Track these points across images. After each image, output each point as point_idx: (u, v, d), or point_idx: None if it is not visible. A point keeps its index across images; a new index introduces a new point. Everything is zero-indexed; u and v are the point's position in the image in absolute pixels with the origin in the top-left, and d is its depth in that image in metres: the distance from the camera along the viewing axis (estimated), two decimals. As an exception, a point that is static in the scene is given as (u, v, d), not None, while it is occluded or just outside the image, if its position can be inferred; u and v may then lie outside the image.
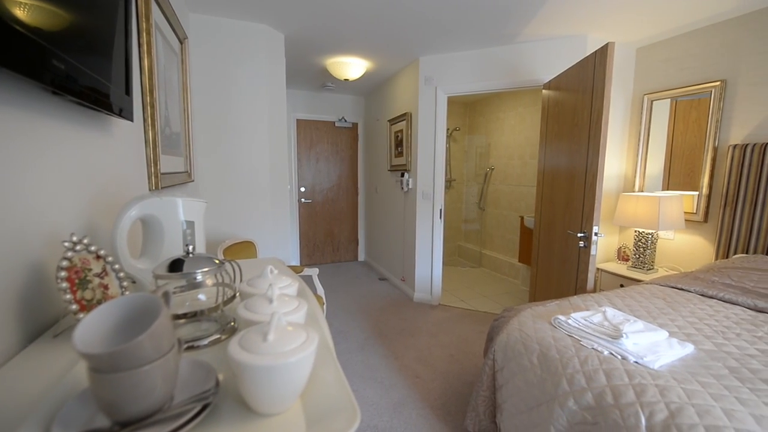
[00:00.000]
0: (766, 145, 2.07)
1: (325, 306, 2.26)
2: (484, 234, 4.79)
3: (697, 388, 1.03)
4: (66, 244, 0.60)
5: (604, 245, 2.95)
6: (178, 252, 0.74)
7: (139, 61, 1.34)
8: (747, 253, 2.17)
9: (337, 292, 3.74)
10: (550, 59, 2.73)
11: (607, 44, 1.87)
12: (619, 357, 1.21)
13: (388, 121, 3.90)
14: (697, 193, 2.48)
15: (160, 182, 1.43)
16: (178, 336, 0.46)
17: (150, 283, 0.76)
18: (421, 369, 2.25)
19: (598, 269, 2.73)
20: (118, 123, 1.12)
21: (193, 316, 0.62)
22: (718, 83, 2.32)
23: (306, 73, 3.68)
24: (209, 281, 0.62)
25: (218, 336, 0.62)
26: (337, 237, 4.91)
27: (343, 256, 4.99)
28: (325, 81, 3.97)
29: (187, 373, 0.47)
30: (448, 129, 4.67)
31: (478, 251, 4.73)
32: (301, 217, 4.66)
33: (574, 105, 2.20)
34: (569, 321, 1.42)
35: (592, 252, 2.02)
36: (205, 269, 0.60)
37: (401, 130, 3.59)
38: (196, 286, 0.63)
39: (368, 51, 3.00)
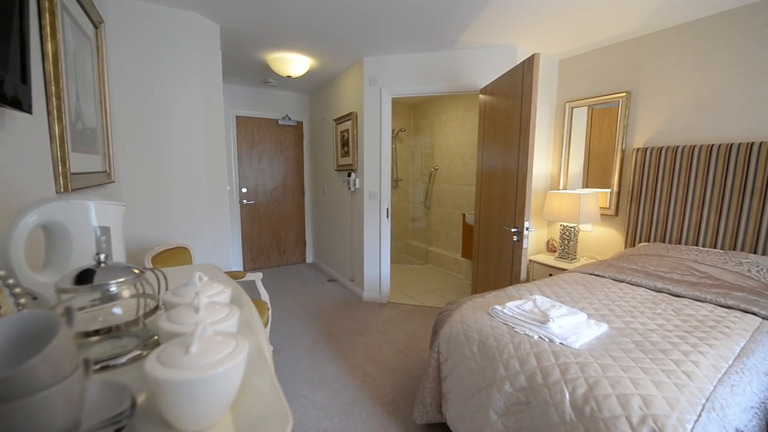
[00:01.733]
0: (661, 149, 2.41)
1: (269, 312, 2.17)
2: (430, 232, 4.96)
3: (610, 362, 1.17)
4: (-62, 257, 0.51)
5: (535, 239, 3.21)
6: (89, 262, 0.66)
7: (41, 46, 1.17)
8: (649, 241, 2.51)
9: (284, 296, 3.62)
10: (486, 66, 2.90)
11: (533, 55, 2.04)
12: (547, 340, 1.33)
13: (334, 120, 3.86)
14: (609, 190, 2.81)
15: (71, 183, 1.27)
16: (86, 355, 0.41)
17: (54, 298, 0.67)
18: (371, 367, 2.26)
19: (530, 261, 2.97)
20: (13, 115, 0.97)
21: (108, 332, 0.56)
22: (624, 94, 2.65)
23: (246, 68, 3.50)
24: (126, 292, 0.56)
25: (139, 352, 0.56)
26: (283, 239, 4.75)
27: (290, 259, 4.84)
28: (267, 77, 3.81)
29: (98, 396, 0.42)
30: (393, 130, 4.75)
31: (425, 248, 4.88)
32: (244, 220, 4.43)
33: (507, 110, 2.37)
34: (504, 310, 1.53)
35: (525, 245, 2.19)
36: (121, 279, 0.55)
37: (347, 130, 3.57)
38: (111, 298, 0.57)
39: (312, 48, 2.94)
